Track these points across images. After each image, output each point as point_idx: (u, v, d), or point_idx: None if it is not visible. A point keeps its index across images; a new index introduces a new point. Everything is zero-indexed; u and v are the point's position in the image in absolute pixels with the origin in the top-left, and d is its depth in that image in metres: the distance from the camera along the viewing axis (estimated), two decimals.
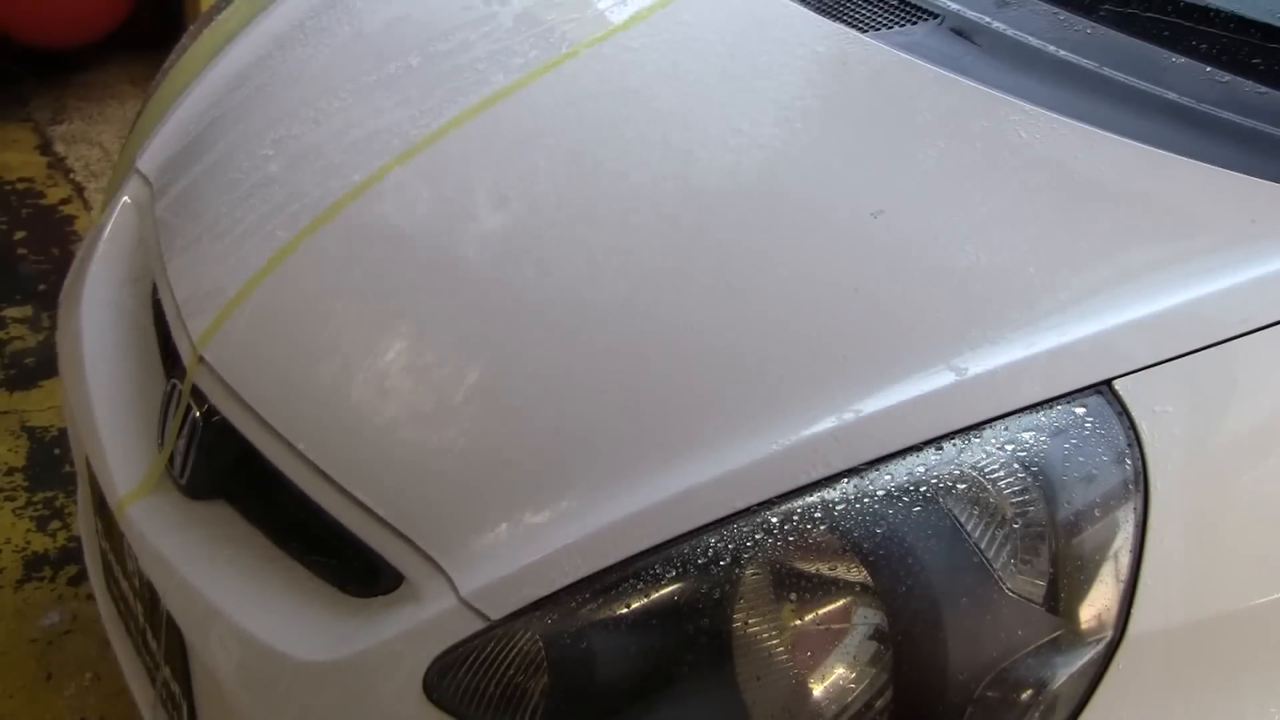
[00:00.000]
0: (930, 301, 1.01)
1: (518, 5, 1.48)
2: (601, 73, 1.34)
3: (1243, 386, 0.95)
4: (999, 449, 0.91)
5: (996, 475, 0.90)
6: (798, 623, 0.91)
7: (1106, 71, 1.17)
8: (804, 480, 0.92)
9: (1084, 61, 1.19)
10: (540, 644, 0.94)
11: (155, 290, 1.42)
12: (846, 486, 0.91)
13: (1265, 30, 1.16)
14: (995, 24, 1.27)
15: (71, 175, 3.39)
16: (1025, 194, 1.08)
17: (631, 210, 1.17)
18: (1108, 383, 0.92)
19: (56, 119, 3.69)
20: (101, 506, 1.39)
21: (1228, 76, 1.14)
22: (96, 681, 1.92)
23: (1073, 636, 0.90)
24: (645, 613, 0.93)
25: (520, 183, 1.25)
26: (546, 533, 0.97)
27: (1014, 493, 0.90)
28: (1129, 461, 0.90)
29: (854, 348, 1.00)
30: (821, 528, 0.91)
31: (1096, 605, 0.90)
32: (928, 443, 0.92)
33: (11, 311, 2.79)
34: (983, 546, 0.89)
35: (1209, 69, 1.15)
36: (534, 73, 1.34)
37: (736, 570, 0.91)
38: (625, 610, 0.93)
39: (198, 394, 1.24)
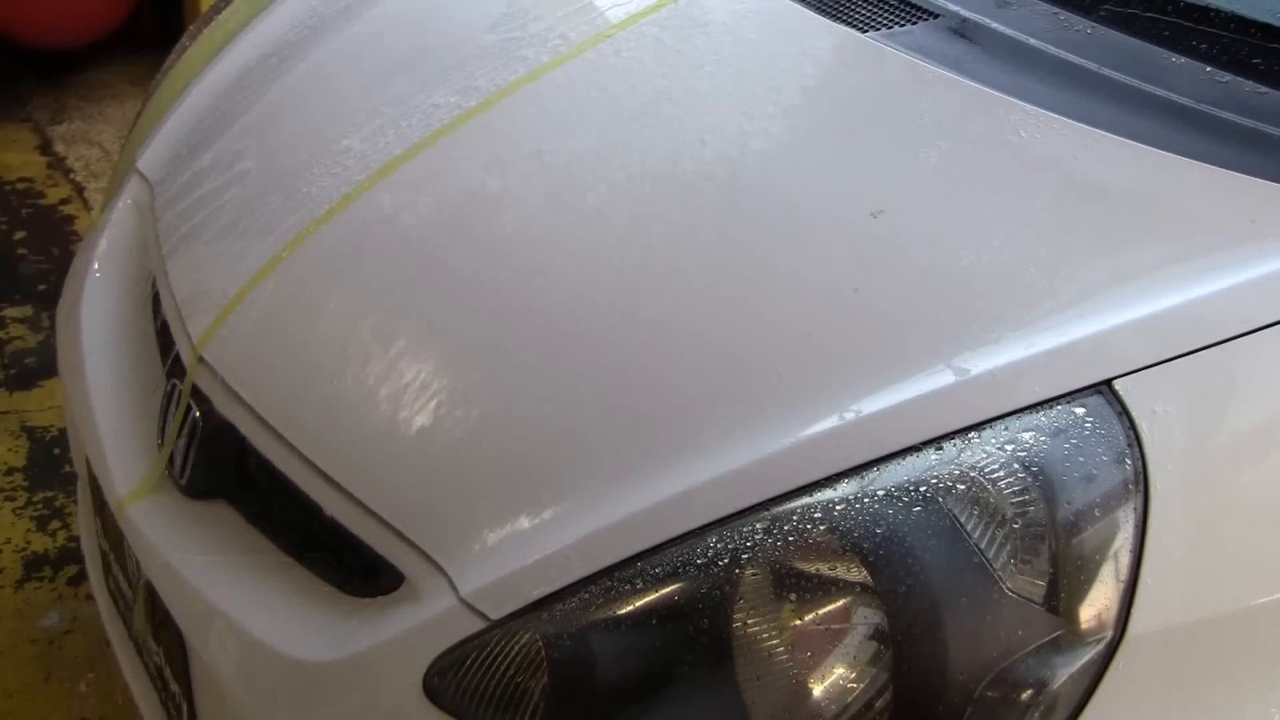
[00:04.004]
0: (930, 301, 1.01)
1: (519, 6, 1.48)
2: (600, 74, 1.34)
3: (1243, 386, 0.95)
4: (999, 449, 0.91)
5: (996, 475, 0.90)
6: (798, 623, 0.91)
7: (1106, 71, 1.17)
8: (804, 480, 0.92)
9: (1084, 61, 1.19)
10: (540, 644, 0.94)
11: (155, 290, 1.42)
12: (846, 486, 0.91)
13: (1265, 30, 1.16)
14: (995, 24, 1.27)
15: (71, 175, 3.39)
16: (1025, 194, 1.08)
17: (630, 211, 1.17)
18: (1108, 383, 0.92)
19: (56, 119, 3.69)
20: (101, 506, 1.39)
21: (1228, 76, 1.14)
22: (96, 681, 1.92)
23: (1073, 636, 0.90)
24: (645, 613, 0.93)
25: (521, 183, 1.25)
26: (546, 533, 0.97)
27: (1014, 493, 0.90)
28: (1129, 461, 0.90)
29: (854, 348, 1.00)
30: (821, 528, 0.91)
31: (1096, 605, 0.90)
32: (928, 443, 0.92)
33: (11, 311, 2.79)
34: (983, 546, 0.89)
35: (1209, 69, 1.15)
36: (534, 73, 1.35)
37: (736, 570, 0.91)
38: (625, 610, 0.93)
39: (198, 394, 1.24)
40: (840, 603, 0.91)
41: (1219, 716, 0.94)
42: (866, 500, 0.91)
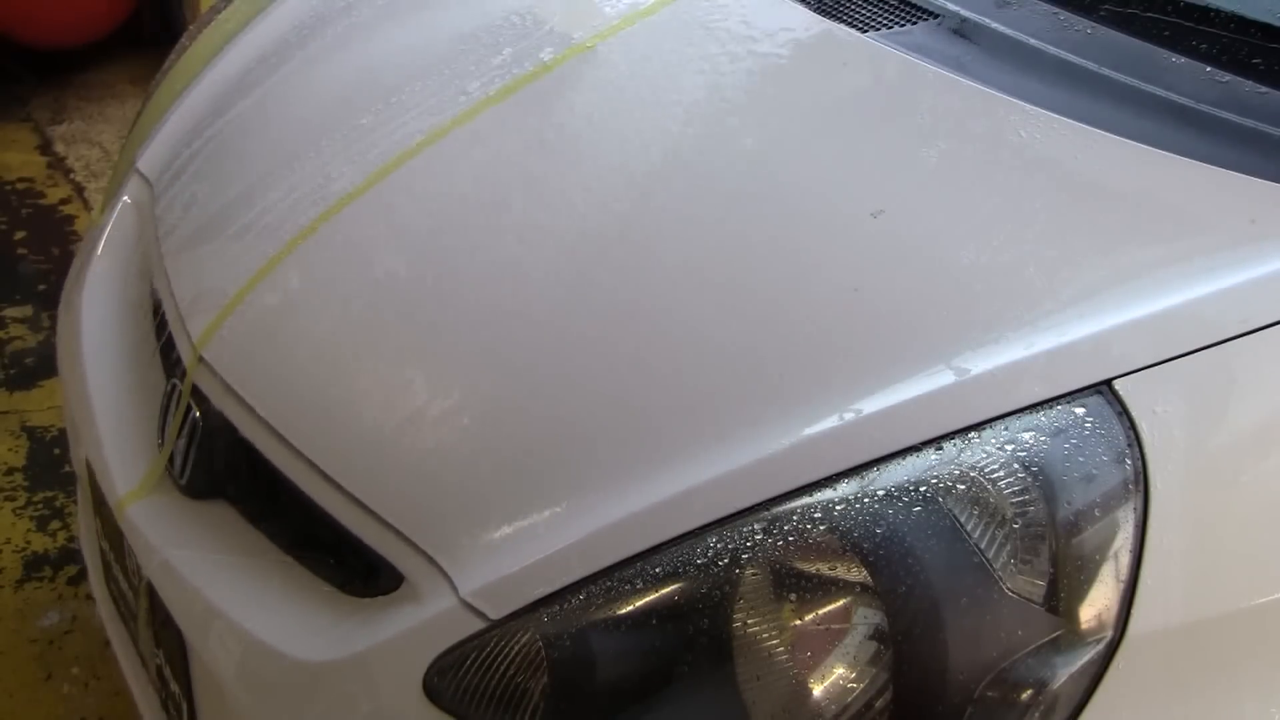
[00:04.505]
0: (930, 301, 1.01)
1: (520, 6, 1.48)
2: (601, 73, 1.34)
3: (1242, 386, 0.95)
4: (999, 449, 0.91)
5: (996, 475, 0.90)
6: (798, 623, 0.91)
7: (1106, 71, 1.17)
8: (804, 480, 0.92)
9: (1084, 61, 1.19)
10: (540, 644, 0.94)
11: (155, 290, 1.42)
12: (846, 486, 0.91)
13: (1265, 30, 1.16)
14: (995, 24, 1.27)
15: (71, 175, 3.39)
16: (1025, 194, 1.08)
17: (631, 211, 1.17)
18: (1108, 383, 0.92)
19: (56, 119, 3.69)
20: (101, 506, 1.39)
21: (1228, 76, 1.13)
22: (96, 681, 1.92)
23: (1073, 636, 0.90)
24: (645, 613, 0.93)
25: (522, 183, 1.25)
26: (546, 532, 0.97)
27: (1014, 493, 0.90)
28: (1129, 461, 0.90)
29: (854, 347, 1.00)
30: (821, 528, 0.91)
31: (1096, 605, 0.90)
32: (928, 443, 0.92)
33: (11, 311, 2.79)
34: (983, 546, 0.89)
35: (1209, 69, 1.15)
36: (535, 72, 1.35)
37: (736, 570, 0.91)
38: (625, 610, 0.93)
39: (198, 394, 1.24)
40: (840, 603, 0.91)
41: (1219, 716, 0.93)
42: (866, 500, 0.91)
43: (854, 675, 0.90)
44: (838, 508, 0.91)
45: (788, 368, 0.99)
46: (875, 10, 1.32)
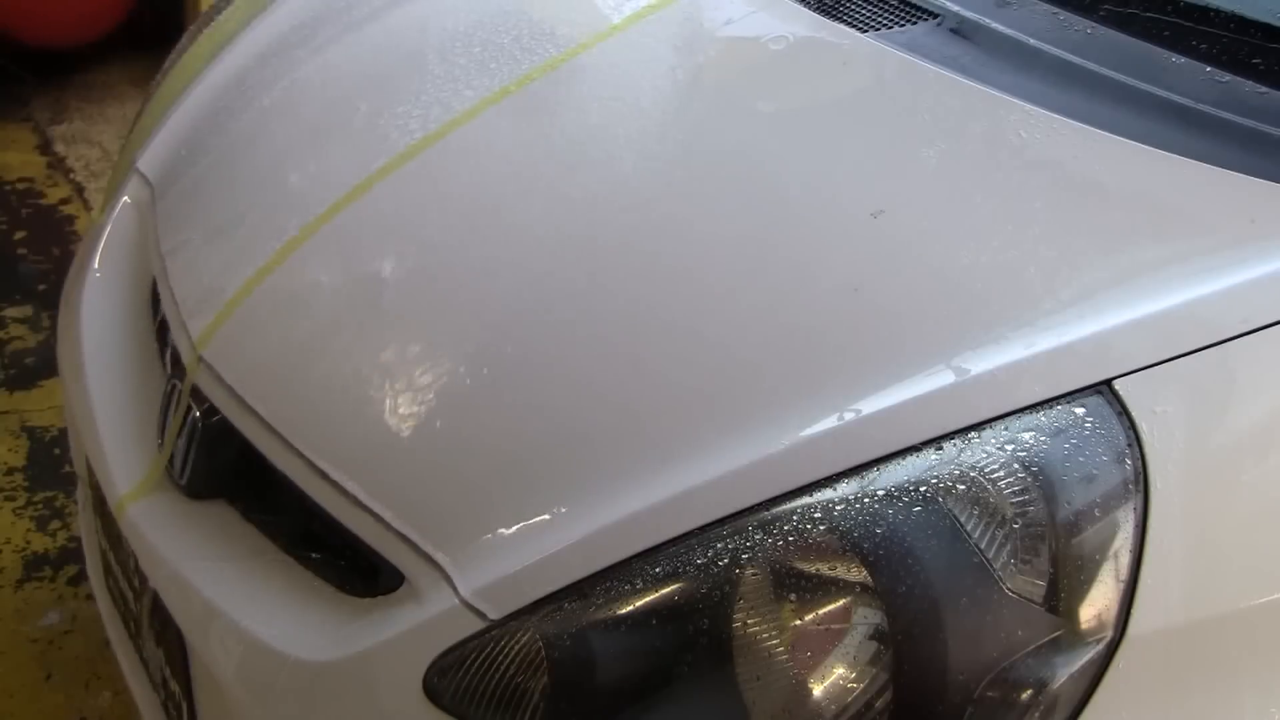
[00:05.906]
0: (930, 301, 1.01)
1: (523, 6, 1.48)
2: (602, 74, 1.34)
3: (1243, 386, 0.95)
4: (999, 449, 0.91)
5: (996, 475, 0.90)
6: (798, 623, 0.91)
7: (1106, 71, 1.17)
8: (804, 480, 0.92)
9: (1084, 61, 1.19)
10: (540, 644, 0.94)
11: (155, 290, 1.42)
12: (846, 486, 0.91)
13: (1265, 30, 1.16)
14: (995, 24, 1.27)
15: (71, 175, 3.39)
16: (1025, 194, 1.08)
17: (631, 212, 1.17)
18: (1108, 383, 0.92)
19: (56, 119, 3.69)
20: (101, 506, 1.39)
21: (1228, 76, 1.14)
22: (96, 681, 1.92)
23: (1073, 636, 0.90)
24: (645, 613, 0.93)
25: (521, 183, 1.25)
26: (547, 533, 0.97)
27: (1014, 493, 0.90)
28: (1129, 461, 0.90)
29: (854, 347, 1.00)
30: (821, 528, 0.91)
31: (1096, 605, 0.90)
32: (928, 443, 0.92)
33: (11, 311, 2.79)
34: (983, 546, 0.89)
35: (1209, 69, 1.15)
36: (535, 72, 1.35)
37: (736, 570, 0.91)
38: (625, 610, 0.93)
39: (198, 394, 1.24)
40: (840, 603, 0.91)
41: (1219, 716, 0.94)
42: (866, 500, 0.91)
43: (854, 675, 0.90)
44: (838, 508, 0.91)
45: (788, 367, 0.99)
46: (875, 10, 1.32)
